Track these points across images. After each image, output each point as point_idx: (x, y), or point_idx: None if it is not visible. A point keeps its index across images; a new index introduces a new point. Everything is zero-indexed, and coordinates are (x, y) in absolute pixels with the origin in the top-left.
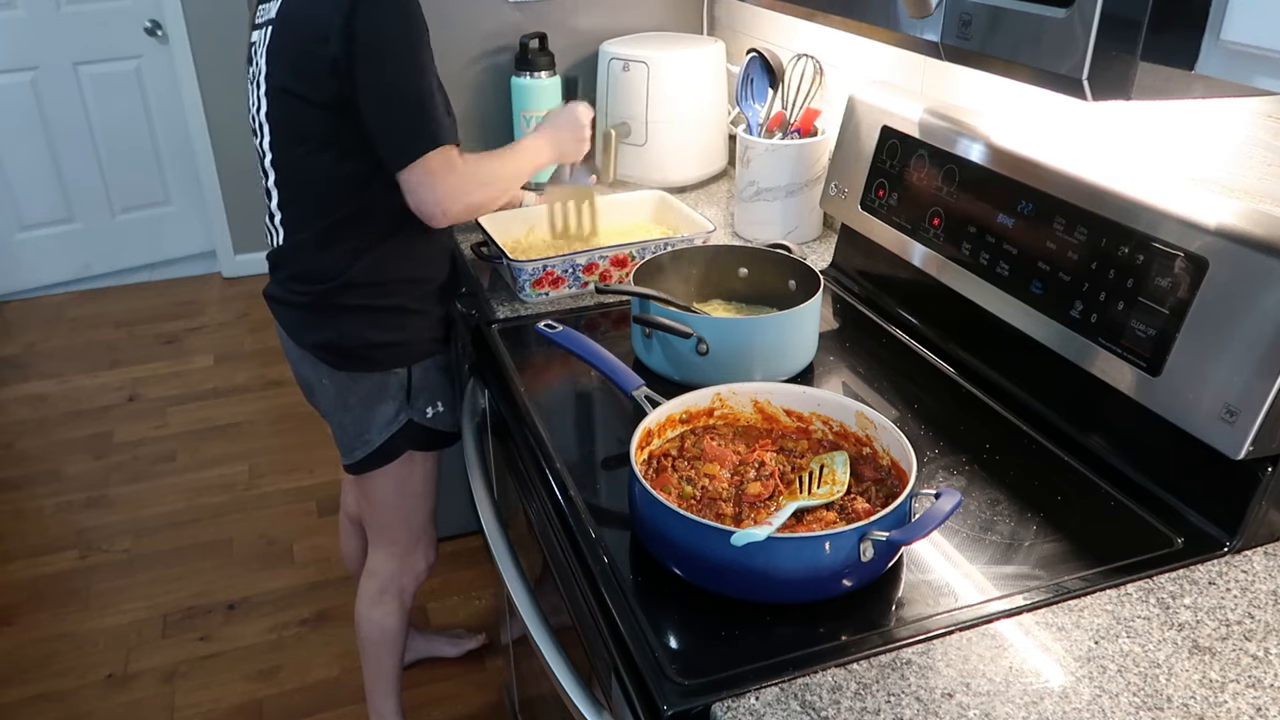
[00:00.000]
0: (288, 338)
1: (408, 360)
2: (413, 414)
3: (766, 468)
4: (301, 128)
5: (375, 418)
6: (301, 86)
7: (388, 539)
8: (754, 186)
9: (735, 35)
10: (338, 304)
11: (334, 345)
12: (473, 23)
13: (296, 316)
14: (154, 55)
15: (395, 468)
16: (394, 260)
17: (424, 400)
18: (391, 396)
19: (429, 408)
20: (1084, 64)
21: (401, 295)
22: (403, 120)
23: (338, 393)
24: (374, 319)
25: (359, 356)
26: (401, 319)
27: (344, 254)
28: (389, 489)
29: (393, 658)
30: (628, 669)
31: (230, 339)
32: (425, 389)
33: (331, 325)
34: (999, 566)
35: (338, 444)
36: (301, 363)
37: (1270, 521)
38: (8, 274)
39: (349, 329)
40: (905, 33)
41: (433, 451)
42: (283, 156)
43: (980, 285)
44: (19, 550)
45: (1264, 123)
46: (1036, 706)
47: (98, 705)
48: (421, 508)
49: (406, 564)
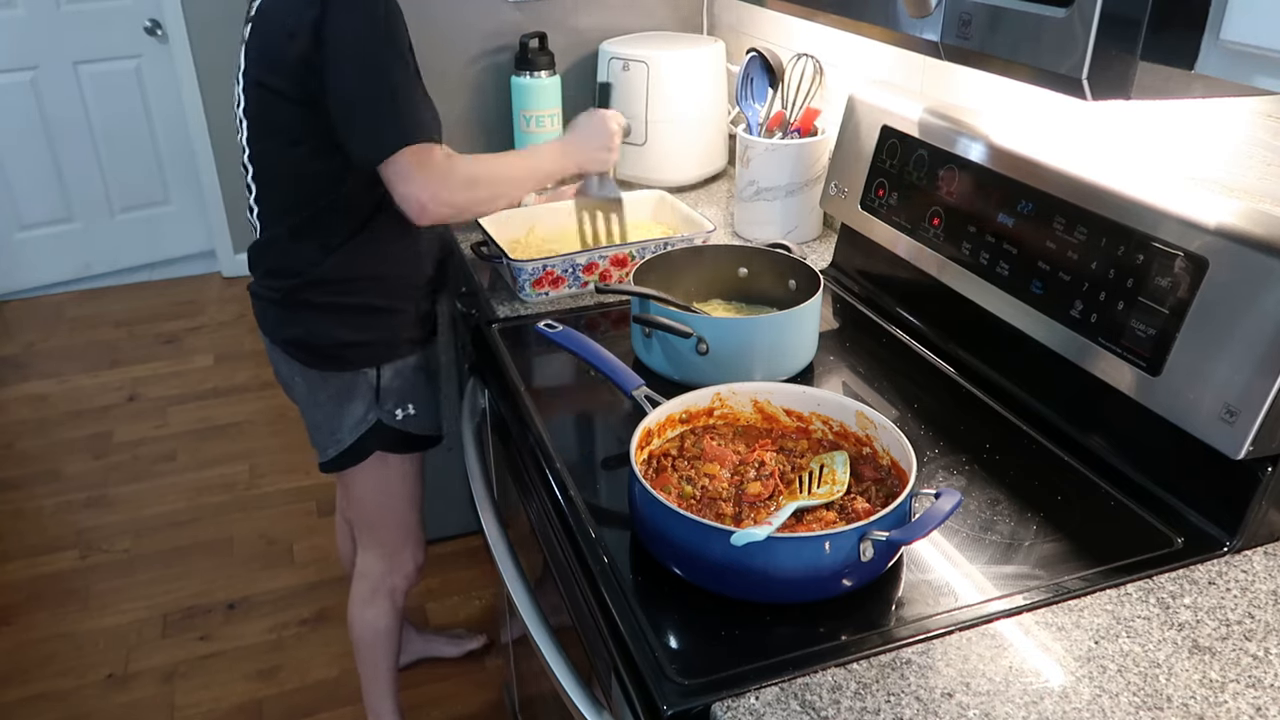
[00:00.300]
0: (263, 333)
1: (376, 360)
2: (381, 415)
3: (766, 467)
4: (274, 123)
5: (345, 417)
6: (274, 81)
7: (374, 539)
8: (754, 186)
9: (735, 35)
10: (306, 300)
11: (303, 342)
12: (472, 22)
13: (270, 312)
14: (154, 55)
15: (373, 468)
16: (363, 257)
17: (393, 402)
18: (360, 396)
19: (399, 409)
20: (1084, 63)
21: (370, 293)
22: (371, 117)
23: (309, 390)
24: (342, 317)
25: (327, 355)
26: (371, 318)
27: (314, 250)
28: (368, 489)
29: (387, 658)
30: (628, 669)
31: (230, 338)
32: (395, 391)
33: (300, 322)
34: (999, 566)
35: (312, 441)
36: (278, 359)
37: (1270, 521)
38: (7, 273)
39: (317, 326)
40: (905, 32)
41: (410, 454)
42: (257, 150)
43: (980, 285)
44: (19, 550)
45: (1264, 122)
46: (1036, 706)
47: (98, 705)
48: (405, 508)
49: (395, 564)
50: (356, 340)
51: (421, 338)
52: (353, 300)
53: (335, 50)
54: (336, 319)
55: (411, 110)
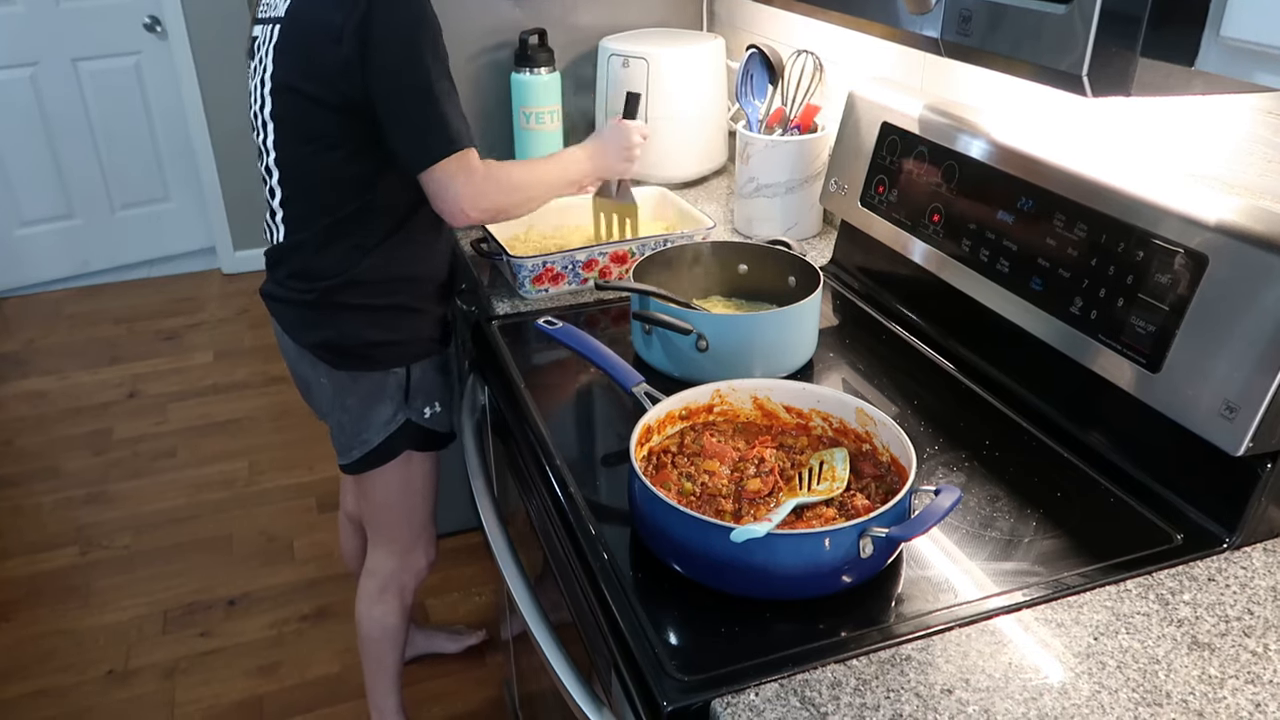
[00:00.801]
0: (286, 336)
1: (406, 360)
2: (410, 414)
3: (766, 464)
4: (310, 128)
5: (373, 417)
6: (311, 87)
7: (387, 537)
8: (754, 183)
9: (735, 31)
10: (339, 302)
11: (334, 344)
12: (472, 19)
13: (296, 314)
14: (153, 51)
15: (395, 467)
16: (398, 259)
17: (421, 400)
18: (389, 396)
19: (426, 408)
20: (1084, 60)
21: (403, 294)
22: (419, 125)
23: (335, 392)
24: (374, 318)
25: (358, 355)
26: (401, 318)
27: (347, 251)
28: (389, 489)
29: (393, 655)
30: (628, 665)
31: (230, 335)
32: (423, 389)
33: (332, 324)
34: (998, 563)
35: (334, 443)
36: (300, 361)
37: (1269, 518)
38: (7, 270)
39: (349, 328)
40: (905, 29)
41: (431, 451)
42: (287, 155)
43: (980, 282)
44: (19, 547)
45: (1264, 119)
46: (1036, 702)
47: (98, 701)
48: (421, 506)
49: (407, 562)
50: (388, 340)
51: (443, 336)
52: (388, 301)
53: (382, 51)
54: (369, 320)
55: (455, 117)
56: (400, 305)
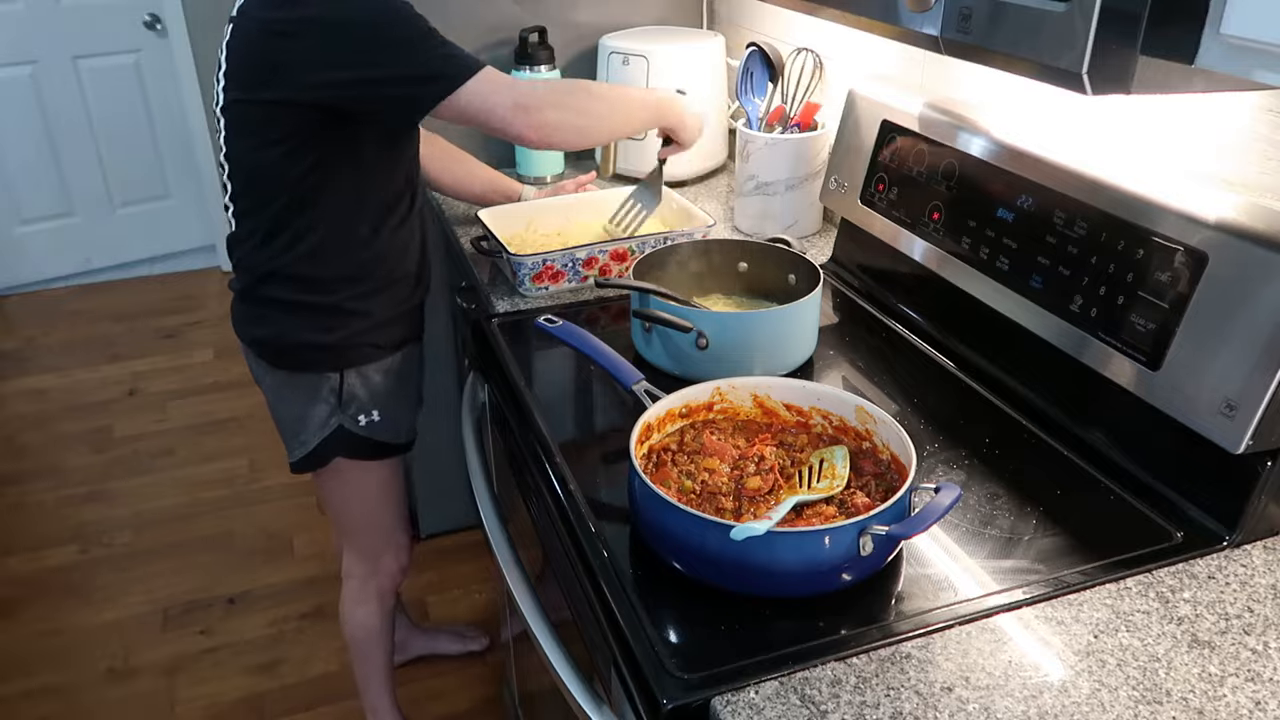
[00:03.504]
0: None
1: (339, 365)
2: (344, 420)
3: (766, 462)
4: (251, 121)
5: (310, 419)
6: (254, 80)
7: (353, 542)
8: (754, 181)
9: (735, 29)
10: (267, 296)
11: (267, 341)
12: (472, 16)
13: (238, 309)
14: (153, 49)
15: (340, 474)
16: (331, 257)
17: (355, 408)
18: (323, 400)
19: (361, 415)
20: (1084, 58)
21: (342, 294)
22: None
23: (275, 389)
24: (310, 317)
25: (290, 354)
26: (334, 320)
27: (282, 246)
28: (339, 494)
29: (381, 655)
30: (627, 663)
31: (230, 333)
32: (359, 396)
33: (263, 320)
34: (998, 561)
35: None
36: (248, 355)
37: (1270, 515)
38: (7, 268)
39: (280, 325)
40: (905, 27)
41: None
42: (234, 149)
43: (980, 280)
44: (19, 544)
45: (1264, 117)
46: (1036, 700)
47: (98, 699)
48: (378, 513)
49: (377, 566)
50: (320, 343)
51: (395, 343)
52: (322, 299)
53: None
54: (305, 319)
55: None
56: (334, 306)
